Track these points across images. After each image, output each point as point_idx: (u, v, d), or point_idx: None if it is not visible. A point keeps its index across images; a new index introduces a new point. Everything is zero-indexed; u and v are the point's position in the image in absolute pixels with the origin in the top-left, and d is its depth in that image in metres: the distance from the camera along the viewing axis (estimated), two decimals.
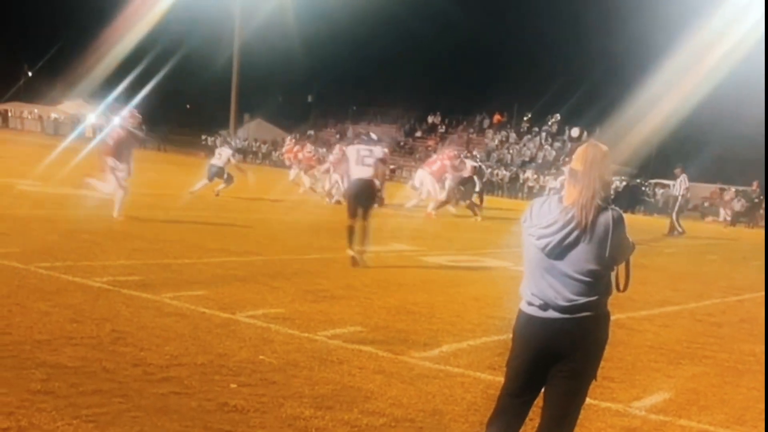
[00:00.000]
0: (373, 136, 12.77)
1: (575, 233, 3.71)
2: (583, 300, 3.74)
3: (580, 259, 3.73)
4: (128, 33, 44.70)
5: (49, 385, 5.03)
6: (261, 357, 6.23)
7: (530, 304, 3.85)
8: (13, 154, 21.59)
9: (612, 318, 3.96)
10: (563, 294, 3.75)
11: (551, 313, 3.78)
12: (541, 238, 3.77)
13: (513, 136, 55.69)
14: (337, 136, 53.93)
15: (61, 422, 4.46)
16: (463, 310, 9.03)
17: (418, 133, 60.57)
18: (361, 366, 6.34)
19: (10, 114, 70.07)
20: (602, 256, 3.73)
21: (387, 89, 68.92)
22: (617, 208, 3.81)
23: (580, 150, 3.87)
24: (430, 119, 61.94)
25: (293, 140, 29.69)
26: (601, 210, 3.72)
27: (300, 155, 26.44)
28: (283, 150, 26.84)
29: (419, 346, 7.17)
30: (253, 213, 18.56)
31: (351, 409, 5.29)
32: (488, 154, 52.03)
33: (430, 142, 51.76)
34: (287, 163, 28.40)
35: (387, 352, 6.84)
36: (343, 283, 10.04)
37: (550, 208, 3.81)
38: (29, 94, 74.38)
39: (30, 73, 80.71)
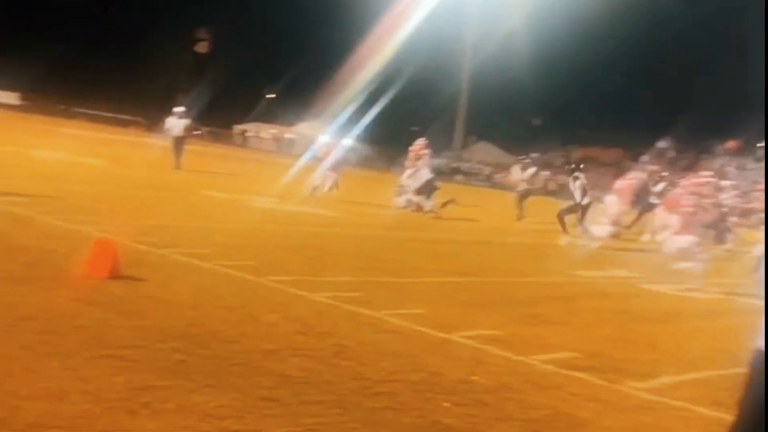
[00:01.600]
0: None
1: None
2: None
3: None
4: (362, 59, 46.48)
5: (276, 393, 5.33)
6: (474, 377, 6.31)
7: None
8: (250, 172, 22.97)
9: None
10: None
11: None
12: None
13: (749, 162, 52.74)
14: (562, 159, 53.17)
15: (284, 429, 4.73)
16: (685, 341, 8.72)
17: (645, 158, 58.64)
18: (575, 392, 6.27)
19: (248, 134, 74.41)
20: None
21: (615, 113, 67.34)
22: None
23: None
24: (659, 144, 59.87)
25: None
26: None
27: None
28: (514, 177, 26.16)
29: (637, 375, 6.99)
30: (470, 234, 18.71)
31: None
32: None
33: (656, 167, 49.83)
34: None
35: (602, 380, 6.73)
36: (560, 308, 9.95)
37: None
38: (268, 115, 78.65)
39: (269, 96, 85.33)
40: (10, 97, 68.25)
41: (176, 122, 25.85)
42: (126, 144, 35.05)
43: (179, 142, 25.52)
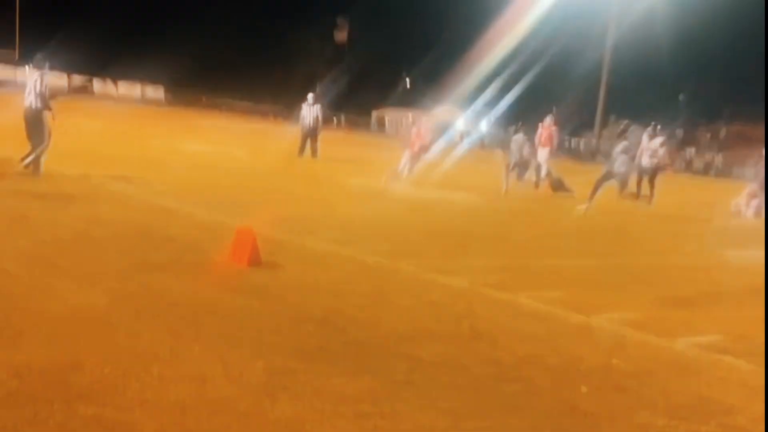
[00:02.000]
0: None
1: None
2: None
3: None
4: (499, 41, 46.05)
5: (411, 376, 5.36)
6: (614, 361, 6.17)
7: None
8: (387, 158, 23.12)
9: None
10: None
11: None
12: None
13: None
14: (708, 135, 51.38)
15: (420, 413, 4.75)
16: None
17: None
18: (722, 377, 6.06)
19: (387, 119, 74.94)
20: None
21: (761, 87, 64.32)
22: None
23: None
24: None
25: None
26: None
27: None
28: None
29: None
30: (614, 215, 18.27)
31: (708, 422, 5.08)
32: None
33: None
34: None
35: (752, 364, 6.46)
36: (707, 290, 9.61)
37: None
38: (405, 100, 79.03)
39: (408, 81, 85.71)
40: (155, 91, 71.10)
41: (307, 110, 26.07)
42: (266, 134, 35.87)
43: (312, 131, 25.76)
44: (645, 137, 22.75)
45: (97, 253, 8.01)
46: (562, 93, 60.03)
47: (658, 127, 23.22)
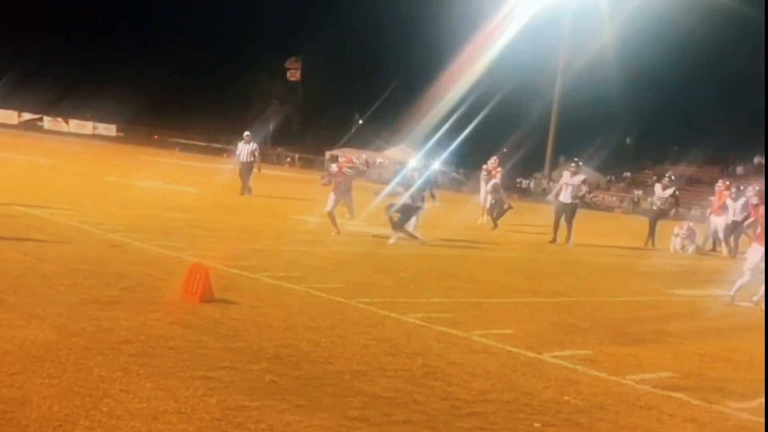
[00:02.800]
0: None
1: None
2: None
3: None
4: (450, 82, 46.62)
5: (365, 413, 5.34)
6: (566, 398, 6.21)
7: None
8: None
9: None
10: None
11: None
12: None
13: None
14: (654, 178, 52.28)
15: None
16: None
17: (740, 171, 57.32)
18: (672, 413, 6.12)
19: (340, 159, 75.20)
20: None
21: (709, 130, 65.63)
22: None
23: None
24: (756, 160, 58.40)
25: None
26: None
27: None
28: None
29: (736, 395, 6.79)
30: (560, 254, 18.46)
31: None
32: None
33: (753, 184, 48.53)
34: None
35: (700, 400, 6.55)
36: (654, 328, 9.74)
37: None
38: (358, 140, 79.39)
39: (360, 121, 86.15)
40: (108, 130, 70.68)
41: (243, 147, 26.27)
42: (217, 171, 35.73)
43: (247, 166, 25.95)
44: (566, 173, 21.39)
45: (46, 289, 7.90)
46: (512, 135, 60.77)
47: (580, 163, 22.15)
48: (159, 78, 70.16)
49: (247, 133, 26.86)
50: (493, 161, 25.42)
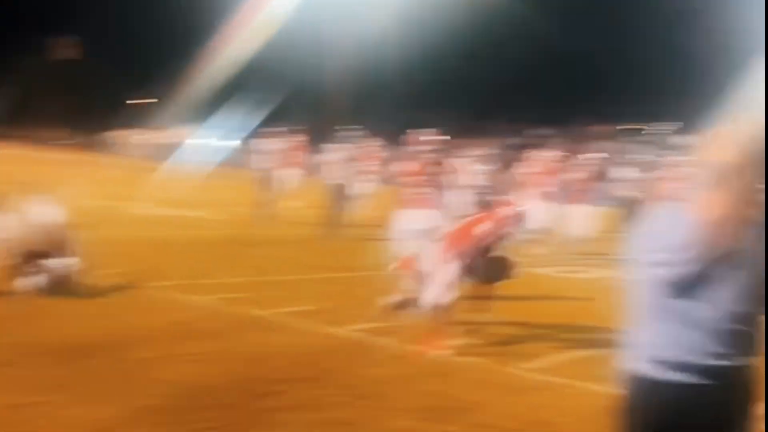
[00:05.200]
0: None
1: (723, 261, 2.53)
2: (734, 358, 2.57)
3: (731, 297, 2.56)
4: (226, 60, 46.08)
5: (158, 401, 5.17)
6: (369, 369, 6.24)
7: (655, 362, 2.59)
8: (119, 178, 22.35)
9: None
10: (707, 349, 2.55)
11: (687, 377, 2.55)
12: (671, 267, 2.56)
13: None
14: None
15: None
16: (567, 322, 8.80)
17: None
18: (467, 378, 6.28)
19: (115, 141, 72.44)
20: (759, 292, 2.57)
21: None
22: None
23: (726, 133, 2.59)
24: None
25: None
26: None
27: None
28: None
29: (525, 357, 7.04)
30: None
31: (458, 421, 5.24)
32: None
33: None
34: None
35: (494, 363, 6.74)
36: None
37: (676, 224, 2.59)
38: (138, 120, 76.84)
39: (137, 102, 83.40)
40: None
41: None
42: None
43: None
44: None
45: None
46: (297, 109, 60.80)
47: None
48: None
49: None
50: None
